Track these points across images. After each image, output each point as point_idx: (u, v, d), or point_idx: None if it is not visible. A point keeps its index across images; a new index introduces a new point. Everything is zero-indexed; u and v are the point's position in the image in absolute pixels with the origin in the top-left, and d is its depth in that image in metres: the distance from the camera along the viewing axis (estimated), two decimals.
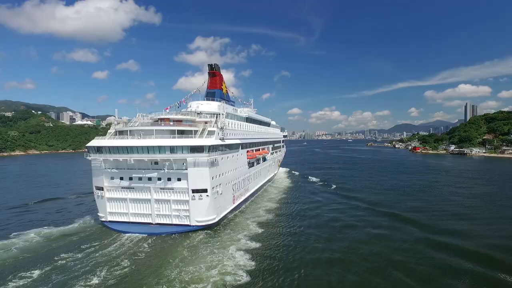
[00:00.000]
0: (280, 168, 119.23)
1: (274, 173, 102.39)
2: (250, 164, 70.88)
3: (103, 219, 50.52)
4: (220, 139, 51.44)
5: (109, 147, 48.22)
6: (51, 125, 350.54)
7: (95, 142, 50.18)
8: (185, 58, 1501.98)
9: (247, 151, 69.45)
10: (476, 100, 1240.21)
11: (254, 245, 40.09)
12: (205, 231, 46.00)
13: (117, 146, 47.73)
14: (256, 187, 74.94)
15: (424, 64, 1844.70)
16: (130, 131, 50.72)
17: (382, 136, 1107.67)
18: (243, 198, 63.55)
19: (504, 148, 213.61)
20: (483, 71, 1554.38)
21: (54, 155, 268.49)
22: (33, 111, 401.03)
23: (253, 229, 47.09)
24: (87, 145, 50.55)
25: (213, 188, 48.06)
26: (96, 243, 40.85)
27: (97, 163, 49.75)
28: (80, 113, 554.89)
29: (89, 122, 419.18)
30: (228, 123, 58.05)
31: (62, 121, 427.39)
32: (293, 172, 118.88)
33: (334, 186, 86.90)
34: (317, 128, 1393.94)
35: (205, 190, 47.00)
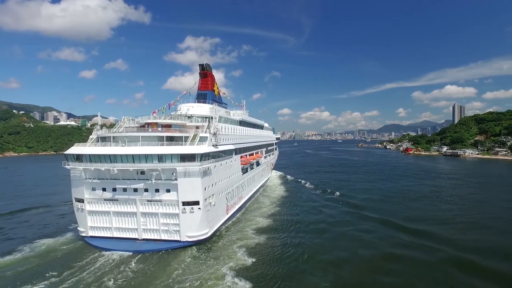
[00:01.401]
0: (273, 171, 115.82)
1: (268, 178, 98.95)
2: (244, 170, 67.10)
3: (83, 234, 45.96)
4: (213, 145, 47.47)
5: (89, 155, 43.59)
6: (32, 125, 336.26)
7: (74, 149, 45.54)
8: (174, 58, 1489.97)
9: (241, 157, 65.72)
10: (461, 100, 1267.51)
11: (243, 286, 32.71)
12: (191, 253, 41.11)
13: (98, 154, 43.16)
14: (250, 194, 71.23)
15: (411, 65, 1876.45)
16: (113, 137, 46.19)
17: (371, 136, 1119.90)
18: (237, 207, 59.82)
19: (497, 149, 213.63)
20: (469, 73, 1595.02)
21: (33, 158, 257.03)
22: (15, 111, 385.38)
23: (241, 257, 38.67)
24: (64, 152, 45.86)
25: (205, 199, 44.08)
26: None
27: (77, 173, 45.07)
28: (65, 113, 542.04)
29: (72, 123, 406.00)
30: (221, 128, 54.04)
31: (45, 122, 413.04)
32: (287, 177, 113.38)
33: (336, 194, 79.76)
34: (307, 128, 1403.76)
35: (196, 203, 42.98)
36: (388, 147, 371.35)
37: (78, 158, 44.46)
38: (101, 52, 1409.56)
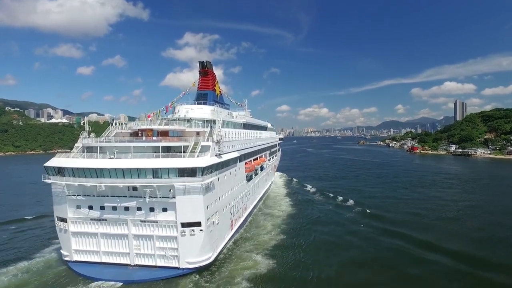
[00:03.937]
0: (276, 173, 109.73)
1: (271, 181, 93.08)
2: (248, 178, 61.10)
3: (67, 259, 39.96)
4: (216, 155, 41.29)
5: (72, 168, 37.34)
6: (21, 123, 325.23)
7: (55, 161, 39.30)
8: (173, 54, 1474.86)
9: (245, 163, 59.70)
10: (460, 97, 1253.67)
11: None
12: (192, 281, 35.52)
13: (83, 168, 36.92)
14: (255, 203, 65.35)
15: (410, 62, 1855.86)
16: (100, 147, 40.01)
17: (370, 133, 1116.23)
18: (241, 219, 54.06)
19: (511, 148, 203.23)
20: (468, 69, 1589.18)
21: (20, 157, 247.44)
22: (8, 108, 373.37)
23: None
24: (44, 165, 39.59)
25: (208, 219, 38.14)
26: None
27: (59, 188, 38.88)
28: (62, 110, 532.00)
29: (64, 120, 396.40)
30: (225, 133, 47.82)
31: (38, 119, 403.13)
32: (292, 183, 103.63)
33: (356, 209, 67.12)
34: (306, 125, 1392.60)
35: (198, 224, 37.03)
36: (391, 145, 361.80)
37: (60, 171, 38.25)
38: (98, 48, 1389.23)
